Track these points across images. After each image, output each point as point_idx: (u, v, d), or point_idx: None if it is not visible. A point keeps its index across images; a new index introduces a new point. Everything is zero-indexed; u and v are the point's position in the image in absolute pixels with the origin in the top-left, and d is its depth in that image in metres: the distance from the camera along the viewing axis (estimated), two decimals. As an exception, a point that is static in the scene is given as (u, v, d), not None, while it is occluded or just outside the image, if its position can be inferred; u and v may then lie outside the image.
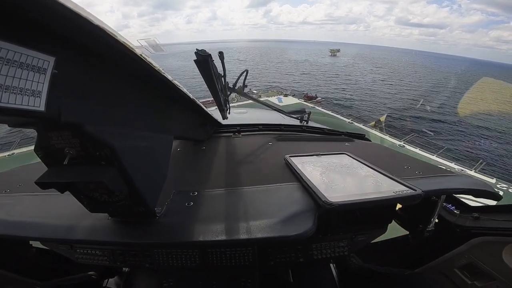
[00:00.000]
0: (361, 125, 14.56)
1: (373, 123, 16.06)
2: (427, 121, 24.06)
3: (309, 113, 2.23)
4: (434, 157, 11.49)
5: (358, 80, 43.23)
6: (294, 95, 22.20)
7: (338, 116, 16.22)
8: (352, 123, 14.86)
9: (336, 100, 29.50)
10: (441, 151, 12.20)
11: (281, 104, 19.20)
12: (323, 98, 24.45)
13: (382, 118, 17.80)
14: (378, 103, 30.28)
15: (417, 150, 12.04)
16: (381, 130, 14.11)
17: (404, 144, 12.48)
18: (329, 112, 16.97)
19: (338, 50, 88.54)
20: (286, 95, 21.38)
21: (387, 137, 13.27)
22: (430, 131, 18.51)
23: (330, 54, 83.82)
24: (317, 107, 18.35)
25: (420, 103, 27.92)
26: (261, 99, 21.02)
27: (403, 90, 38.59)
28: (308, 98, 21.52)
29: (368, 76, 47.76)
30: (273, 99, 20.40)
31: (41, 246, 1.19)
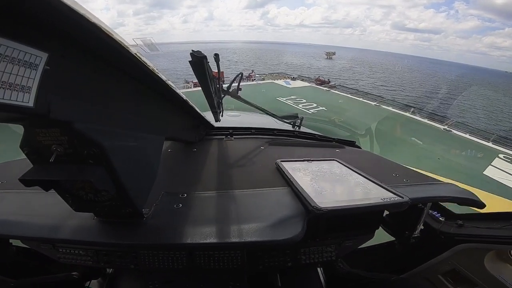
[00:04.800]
0: (390, 108, 12.35)
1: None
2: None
3: (302, 118, 2.18)
4: (489, 144, 9.32)
5: (357, 81, 41.45)
6: (303, 79, 19.87)
7: (360, 99, 13.98)
8: (379, 106, 12.64)
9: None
10: (493, 137, 10.00)
11: (289, 86, 16.97)
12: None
13: None
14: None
15: (467, 136, 9.86)
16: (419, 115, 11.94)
17: (450, 129, 10.31)
18: (348, 95, 14.72)
19: (334, 53, 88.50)
20: (293, 79, 19.16)
21: (425, 120, 11.13)
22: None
23: (326, 57, 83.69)
24: (332, 91, 16.10)
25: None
26: (267, 81, 19.15)
27: (405, 95, 37.17)
28: (321, 82, 19.16)
29: (366, 80, 46.00)
30: (280, 82, 18.17)
31: (22, 245, 1.07)
